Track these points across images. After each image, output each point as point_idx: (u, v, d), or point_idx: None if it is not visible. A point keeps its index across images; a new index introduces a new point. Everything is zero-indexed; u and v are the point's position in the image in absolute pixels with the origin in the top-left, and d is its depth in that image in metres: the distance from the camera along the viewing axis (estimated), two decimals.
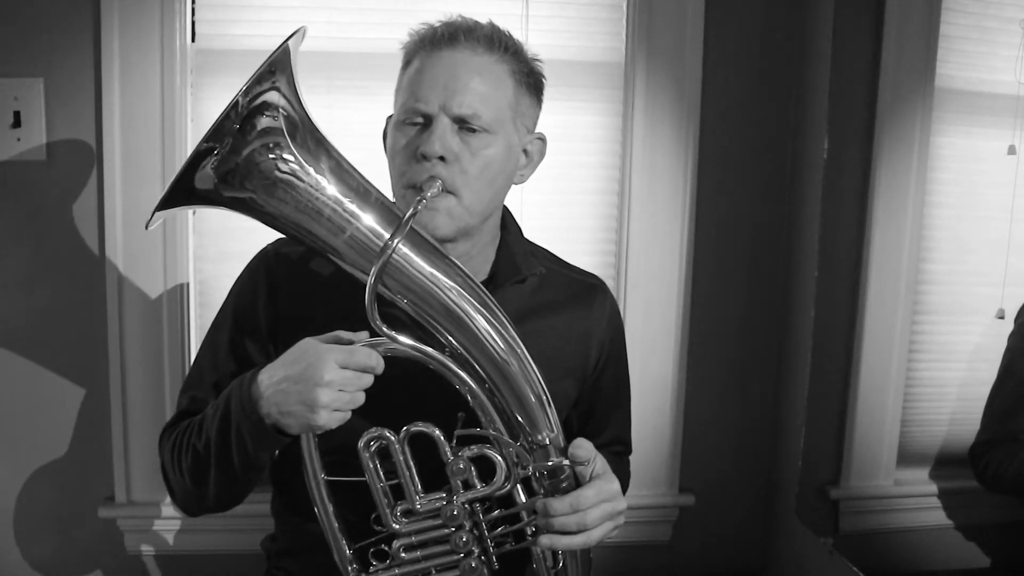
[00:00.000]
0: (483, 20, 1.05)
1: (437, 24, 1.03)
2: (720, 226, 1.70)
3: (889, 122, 1.39)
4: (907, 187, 1.36)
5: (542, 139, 1.11)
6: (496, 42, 1.02)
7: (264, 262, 1.11)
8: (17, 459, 1.59)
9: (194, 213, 1.58)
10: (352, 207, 0.92)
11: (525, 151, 1.09)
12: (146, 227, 0.93)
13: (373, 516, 0.95)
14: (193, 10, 1.52)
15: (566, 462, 0.94)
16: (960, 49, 1.27)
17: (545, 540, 0.93)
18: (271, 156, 0.89)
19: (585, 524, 0.92)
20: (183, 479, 1.02)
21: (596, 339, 1.17)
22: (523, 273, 1.12)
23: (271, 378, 0.91)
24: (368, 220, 0.92)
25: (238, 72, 1.53)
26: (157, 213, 0.91)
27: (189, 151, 0.92)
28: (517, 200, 1.62)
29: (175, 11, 1.49)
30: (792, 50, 1.68)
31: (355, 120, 1.55)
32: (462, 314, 0.92)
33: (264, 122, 0.89)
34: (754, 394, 1.78)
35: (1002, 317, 1.18)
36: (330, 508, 0.96)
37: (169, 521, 1.63)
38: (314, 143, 0.93)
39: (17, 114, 1.48)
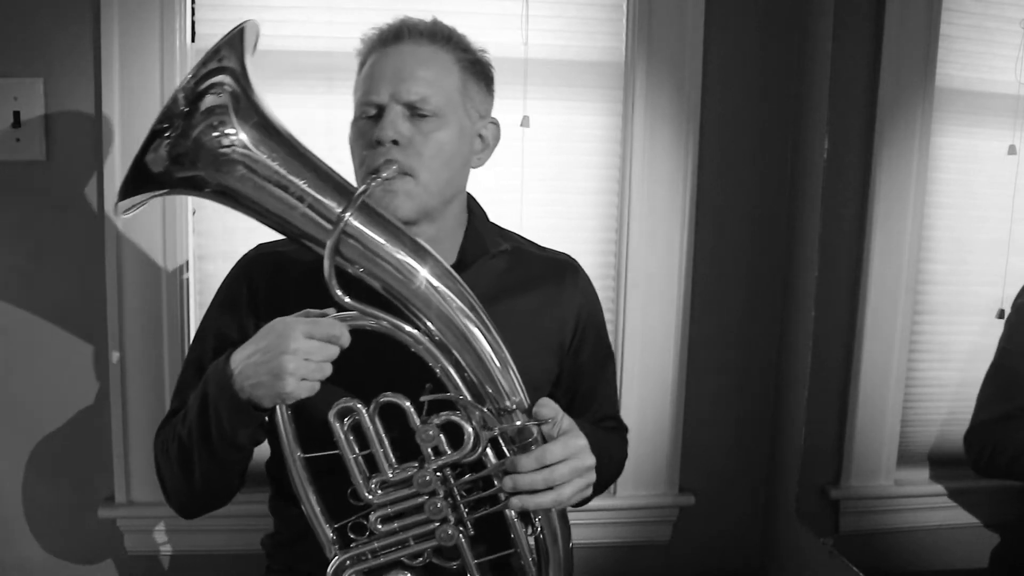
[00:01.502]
0: (427, 19, 1.11)
1: (384, 26, 1.10)
2: (720, 226, 1.70)
3: (889, 122, 1.39)
4: (907, 187, 1.36)
5: (495, 123, 1.16)
6: (438, 34, 1.09)
7: (244, 268, 1.15)
8: (17, 459, 1.59)
9: (194, 214, 1.58)
10: (303, 184, 0.95)
11: (480, 136, 1.14)
12: (115, 213, 0.98)
13: (349, 490, 0.96)
14: (193, 10, 1.53)
15: (532, 423, 0.95)
16: (960, 49, 1.27)
17: (516, 501, 0.94)
18: (214, 134, 0.93)
19: (553, 480, 0.94)
20: (172, 470, 1.05)
21: (571, 314, 1.19)
22: (489, 250, 1.15)
23: (243, 353, 0.95)
24: (322, 196, 0.96)
25: None
26: (123, 202, 0.95)
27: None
28: (517, 200, 1.62)
29: (175, 11, 1.49)
30: (792, 50, 1.68)
31: None
32: (420, 283, 0.95)
33: (208, 101, 0.92)
34: (754, 394, 1.78)
35: (1002, 317, 1.18)
36: (309, 488, 0.98)
37: (169, 521, 1.63)
38: (260, 120, 0.96)
39: (17, 114, 1.48)
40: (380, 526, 0.97)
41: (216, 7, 1.53)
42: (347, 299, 0.92)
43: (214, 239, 1.59)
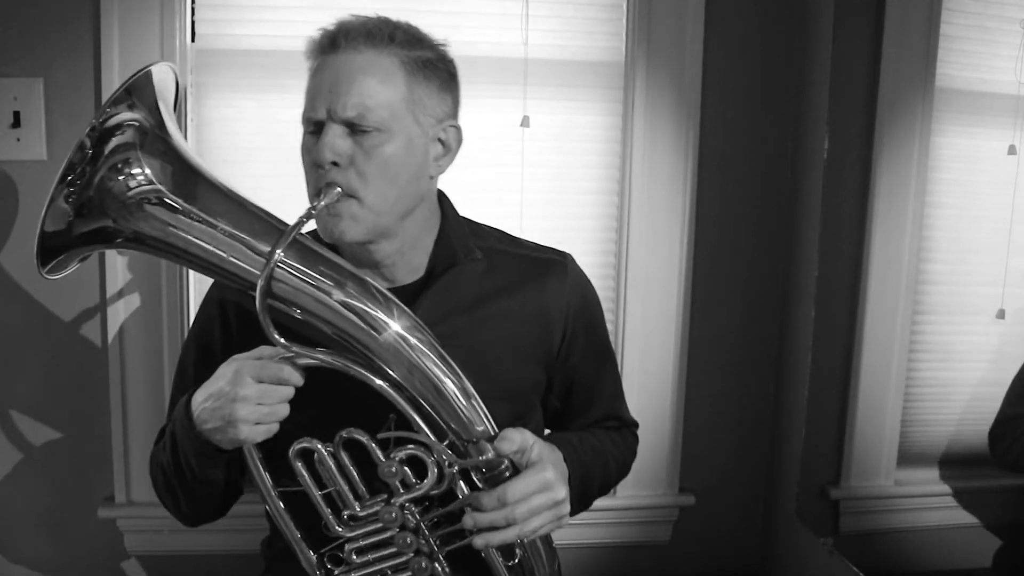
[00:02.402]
0: (371, 15, 1.01)
1: (322, 31, 1.01)
2: (720, 226, 1.70)
3: (889, 122, 1.39)
4: (907, 187, 1.36)
5: (456, 127, 1.06)
6: (378, 36, 0.99)
7: (218, 288, 1.12)
8: (17, 459, 1.59)
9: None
10: (225, 224, 0.92)
11: (440, 140, 1.04)
12: (41, 274, 0.93)
13: (322, 523, 0.96)
14: (193, 10, 1.52)
15: (491, 455, 0.93)
16: (960, 49, 1.27)
17: (479, 540, 0.92)
18: (120, 178, 0.89)
19: (513, 519, 0.90)
20: (162, 493, 1.07)
21: (557, 316, 1.12)
22: (459, 258, 1.08)
23: (200, 396, 0.94)
24: (249, 237, 0.92)
25: (238, 72, 1.53)
26: (46, 269, 0.92)
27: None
28: (517, 200, 1.62)
29: (175, 11, 1.49)
30: (792, 50, 1.68)
31: None
32: (365, 322, 0.91)
33: (113, 141, 0.88)
34: (754, 394, 1.78)
35: (1002, 317, 1.18)
36: (287, 517, 0.98)
37: (169, 521, 1.62)
38: (172, 158, 0.92)
39: (17, 114, 1.48)
40: (355, 557, 0.97)
41: (216, 7, 1.53)
42: (282, 340, 0.88)
43: None
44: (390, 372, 0.92)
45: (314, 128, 0.99)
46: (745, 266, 1.73)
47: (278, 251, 0.87)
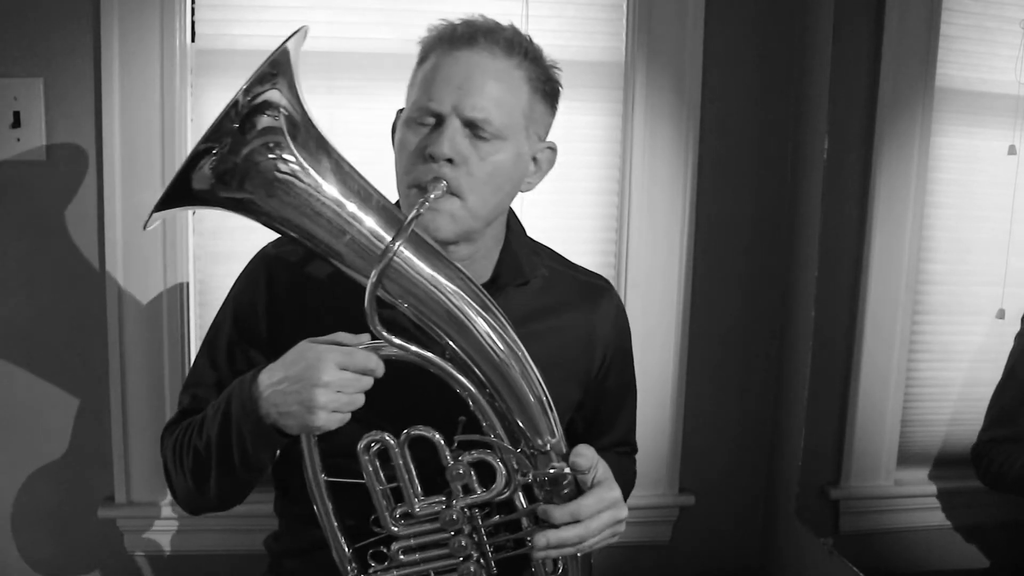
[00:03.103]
0: (504, 22, 1.02)
1: (457, 22, 1.00)
2: (720, 226, 1.70)
3: (889, 122, 1.39)
4: (907, 187, 1.36)
5: (552, 148, 1.10)
6: (516, 47, 1.00)
7: (264, 262, 1.11)
8: (17, 459, 1.59)
9: (194, 213, 1.58)
10: (353, 209, 0.90)
11: (535, 159, 1.07)
12: (144, 227, 0.92)
13: (372, 518, 0.95)
14: (193, 10, 1.52)
15: (567, 469, 0.93)
16: (960, 49, 1.27)
17: (540, 551, 0.92)
18: (271, 156, 0.88)
19: (586, 536, 0.92)
20: (185, 479, 1.03)
21: (601, 341, 1.16)
22: (526, 275, 1.11)
23: (271, 378, 0.91)
24: (369, 222, 0.91)
25: (238, 72, 1.53)
26: (156, 214, 0.90)
27: (189, 151, 0.91)
28: (517, 200, 1.61)
29: (175, 11, 1.49)
30: (792, 50, 1.68)
31: (356, 120, 1.55)
32: (463, 318, 0.91)
33: (264, 121, 0.87)
34: (754, 394, 1.78)
35: (1002, 317, 1.18)
36: (330, 508, 0.96)
37: (169, 521, 1.63)
38: (315, 144, 0.91)
39: (17, 114, 1.48)
40: (402, 556, 0.96)
41: (216, 7, 1.53)
42: (390, 336, 0.87)
43: (214, 239, 1.59)
44: (477, 372, 0.92)
45: (431, 119, 0.98)
46: (745, 266, 1.73)
47: (397, 244, 0.85)
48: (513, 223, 1.15)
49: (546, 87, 1.04)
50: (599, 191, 1.67)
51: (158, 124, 1.51)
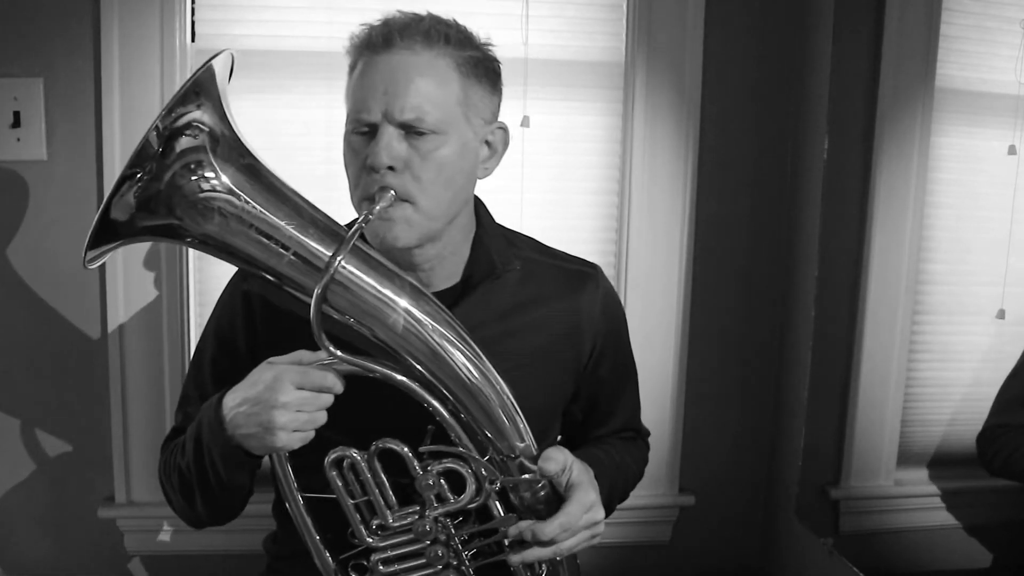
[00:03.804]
0: (422, 12, 0.99)
1: (376, 23, 0.98)
2: (720, 226, 1.70)
3: (889, 122, 1.39)
4: (907, 187, 1.36)
5: (503, 128, 1.05)
6: (435, 36, 0.96)
7: (241, 280, 1.10)
8: (17, 459, 1.59)
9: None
10: (290, 227, 0.88)
11: (487, 143, 1.04)
12: (84, 265, 0.90)
13: (349, 531, 0.95)
14: (193, 10, 1.52)
15: (535, 476, 0.93)
16: (960, 49, 1.27)
17: (515, 557, 0.92)
18: (193, 177, 0.86)
19: (560, 549, 0.92)
20: (176, 497, 1.04)
21: (589, 330, 1.13)
22: (498, 270, 1.07)
23: (233, 400, 0.91)
24: (310, 241, 0.89)
25: (238, 72, 1.53)
26: (91, 253, 0.88)
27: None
28: (517, 200, 1.62)
29: (175, 11, 1.49)
30: (792, 50, 1.68)
31: None
32: (418, 334, 0.90)
33: (185, 142, 0.85)
34: (754, 394, 1.78)
35: (1002, 317, 1.18)
36: (309, 523, 0.97)
37: (169, 521, 1.63)
38: (243, 164, 0.89)
39: (17, 114, 1.48)
40: (381, 567, 0.96)
41: (216, 7, 1.53)
42: (337, 352, 0.87)
43: None
44: (435, 383, 0.91)
45: (366, 129, 0.96)
46: (745, 266, 1.73)
47: (338, 259, 0.84)
48: (483, 214, 1.12)
49: (478, 69, 1.00)
50: (599, 191, 1.67)
51: None
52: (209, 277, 1.59)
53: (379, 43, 0.95)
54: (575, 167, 1.64)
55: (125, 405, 1.57)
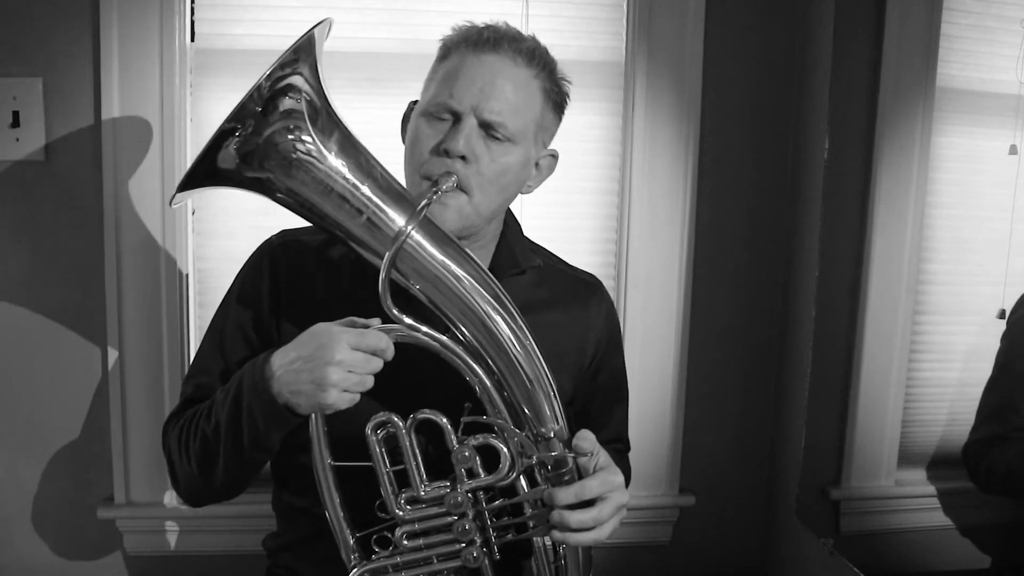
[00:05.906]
0: (527, 33, 1.08)
1: (483, 26, 1.06)
2: (720, 226, 1.70)
3: (890, 122, 1.39)
4: (908, 187, 1.36)
5: (554, 155, 1.14)
6: (536, 58, 1.05)
7: (268, 250, 1.13)
8: (17, 459, 1.59)
9: (193, 214, 1.58)
10: (367, 192, 0.93)
11: (537, 164, 1.12)
12: (170, 203, 0.95)
13: (377, 503, 0.95)
14: (193, 10, 1.52)
15: (570, 454, 0.95)
16: (961, 49, 1.27)
17: (558, 535, 0.93)
18: (290, 137, 0.91)
19: (601, 519, 0.93)
20: (190, 465, 1.03)
21: (592, 337, 1.19)
22: (521, 265, 1.14)
23: (283, 358, 0.93)
24: (384, 206, 0.94)
25: (238, 72, 1.53)
26: (179, 194, 0.93)
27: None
28: (517, 200, 1.61)
29: (175, 11, 1.49)
30: (793, 50, 1.68)
31: (356, 120, 1.49)
32: (474, 304, 0.94)
33: (286, 104, 0.91)
34: (754, 394, 1.78)
35: (1003, 317, 1.17)
36: (335, 495, 0.97)
37: (169, 521, 1.63)
38: (333, 128, 0.94)
39: (16, 114, 1.48)
40: (406, 541, 0.96)
41: (216, 7, 1.53)
42: (401, 316, 0.90)
43: (214, 239, 1.59)
44: (486, 358, 0.94)
45: (447, 116, 1.02)
46: (745, 266, 1.73)
47: (410, 227, 0.90)
48: (510, 220, 1.19)
49: (557, 99, 1.10)
50: (599, 191, 1.67)
51: (158, 124, 1.51)
52: (209, 276, 1.59)
53: (488, 43, 1.03)
54: (575, 167, 1.64)
55: (125, 405, 1.57)
